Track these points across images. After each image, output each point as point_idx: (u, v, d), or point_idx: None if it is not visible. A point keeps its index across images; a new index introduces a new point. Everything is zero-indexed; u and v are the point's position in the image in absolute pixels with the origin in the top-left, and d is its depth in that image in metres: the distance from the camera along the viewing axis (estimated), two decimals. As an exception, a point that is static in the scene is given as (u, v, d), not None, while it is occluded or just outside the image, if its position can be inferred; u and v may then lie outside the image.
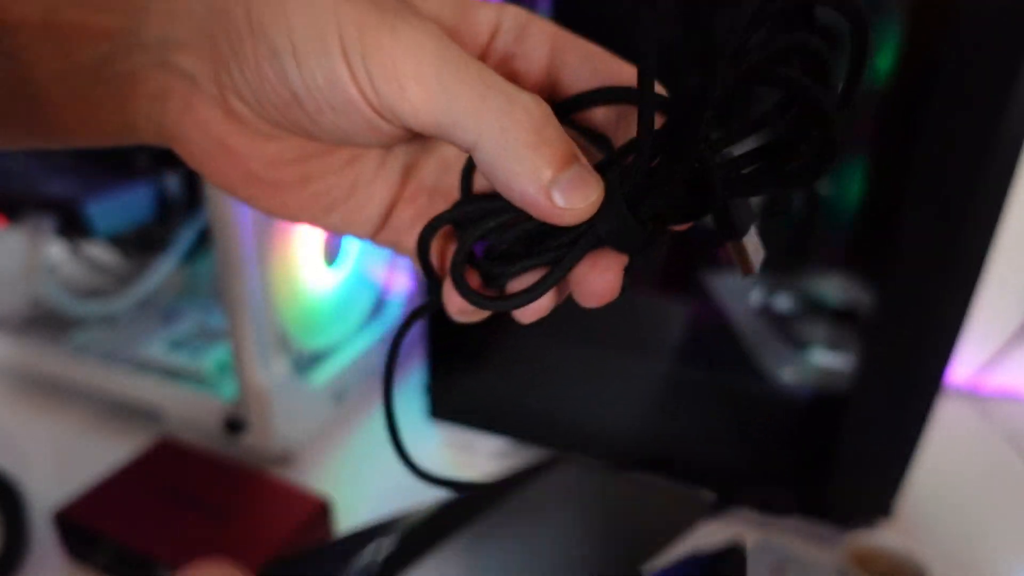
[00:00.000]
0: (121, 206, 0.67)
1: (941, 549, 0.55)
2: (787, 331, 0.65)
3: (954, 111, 0.41)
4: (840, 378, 0.56)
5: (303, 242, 0.62)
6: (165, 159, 0.69)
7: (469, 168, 0.23)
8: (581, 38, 0.21)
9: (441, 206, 0.24)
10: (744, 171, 0.17)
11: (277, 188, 0.22)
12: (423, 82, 0.17)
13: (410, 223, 0.24)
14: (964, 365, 0.77)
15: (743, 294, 0.68)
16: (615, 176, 0.18)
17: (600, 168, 0.18)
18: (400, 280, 0.79)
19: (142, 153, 0.70)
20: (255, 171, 0.22)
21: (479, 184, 0.23)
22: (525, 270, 0.20)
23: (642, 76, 0.15)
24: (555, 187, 0.17)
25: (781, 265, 0.68)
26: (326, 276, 0.67)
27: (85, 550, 0.53)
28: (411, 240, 0.24)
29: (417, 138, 0.21)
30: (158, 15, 0.20)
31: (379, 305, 0.78)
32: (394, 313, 0.79)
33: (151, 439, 0.62)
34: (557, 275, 0.19)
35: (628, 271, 0.19)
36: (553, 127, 0.17)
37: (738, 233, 0.18)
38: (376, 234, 0.25)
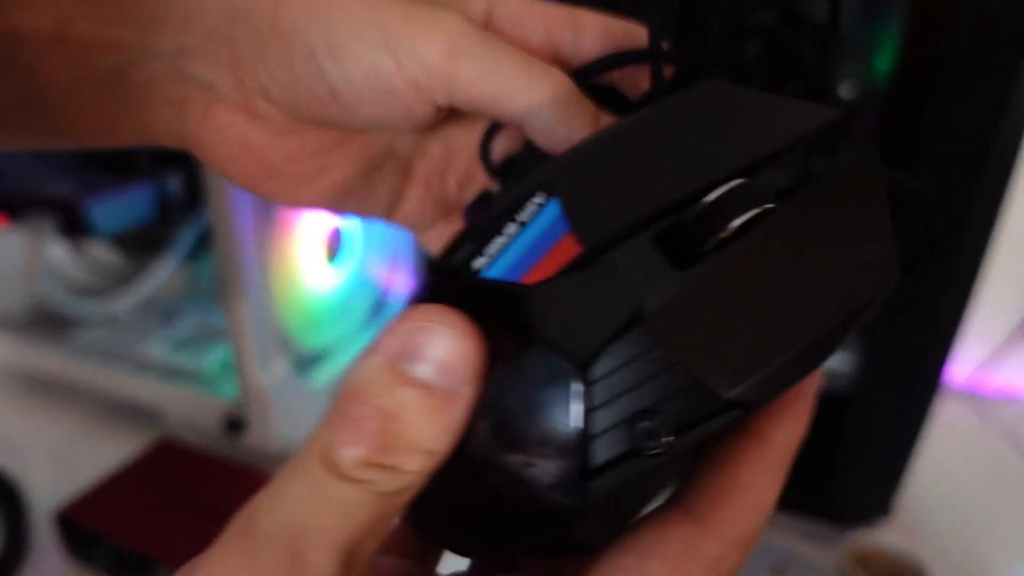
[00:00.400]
0: (122, 206, 0.67)
1: (941, 549, 0.55)
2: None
3: (954, 111, 0.41)
4: (840, 378, 0.56)
5: (303, 242, 0.62)
6: (165, 159, 0.69)
7: (487, 140, 0.24)
8: (578, 13, 0.22)
9: (450, 184, 0.25)
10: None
11: (297, 180, 0.23)
12: (474, 60, 0.19)
13: (422, 204, 0.25)
14: (963, 365, 0.77)
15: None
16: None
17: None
18: (400, 280, 0.79)
19: (142, 153, 0.70)
20: (276, 166, 0.22)
21: (496, 156, 0.25)
22: None
23: (652, 34, 0.18)
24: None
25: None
26: (326, 276, 0.67)
27: (85, 550, 0.53)
28: (426, 220, 0.26)
29: (439, 121, 0.22)
30: (173, 25, 0.20)
31: (379, 305, 0.78)
32: (395, 313, 0.79)
33: (151, 439, 0.62)
34: None
35: None
36: (579, 91, 0.20)
37: None
38: (391, 214, 0.25)
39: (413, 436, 0.13)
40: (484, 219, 0.15)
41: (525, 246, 0.13)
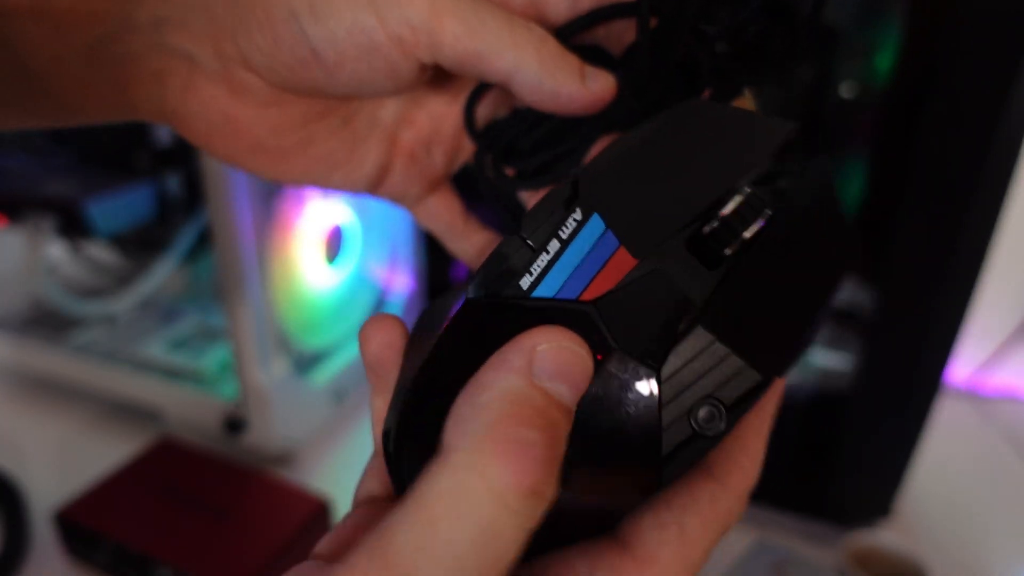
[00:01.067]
0: (121, 206, 0.67)
1: (941, 549, 0.55)
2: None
3: (954, 111, 0.41)
4: (840, 378, 0.56)
5: (303, 242, 0.62)
6: (165, 159, 0.69)
7: (471, 106, 0.24)
8: None
9: (436, 154, 0.25)
10: (726, 65, 0.20)
11: (282, 154, 0.23)
12: (459, 15, 0.19)
13: (407, 174, 0.25)
14: (964, 365, 0.77)
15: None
16: (620, 73, 0.21)
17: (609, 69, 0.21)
18: (400, 280, 0.79)
19: (142, 153, 0.70)
20: (260, 139, 0.22)
21: (479, 123, 0.25)
22: (548, 159, 0.22)
23: None
24: (587, 78, 0.20)
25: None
26: (326, 276, 0.67)
27: (85, 550, 0.53)
28: (413, 191, 0.26)
29: (420, 85, 0.23)
30: None
31: (379, 305, 0.78)
32: (395, 313, 0.79)
33: (151, 439, 0.62)
34: (576, 157, 0.22)
35: None
36: (563, 46, 0.21)
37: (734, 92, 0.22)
38: (376, 188, 0.25)
39: (561, 459, 0.13)
40: (517, 236, 0.16)
41: (574, 263, 0.15)
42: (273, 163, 0.23)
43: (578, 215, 0.15)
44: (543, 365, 0.13)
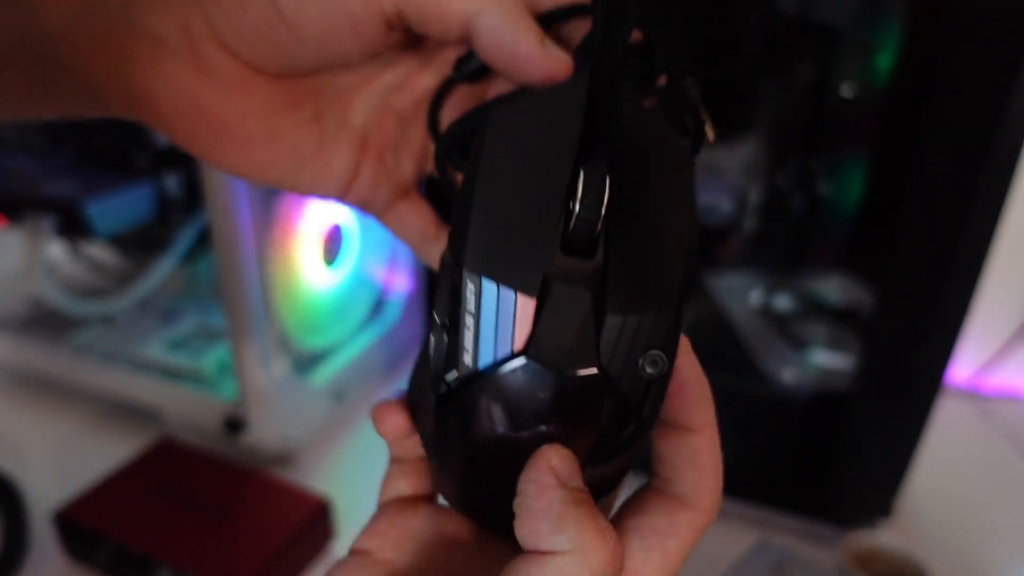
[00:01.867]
0: (121, 206, 0.67)
1: (941, 549, 0.55)
2: (787, 331, 0.65)
3: (954, 111, 0.41)
4: (840, 378, 0.56)
5: (302, 242, 0.62)
6: (165, 159, 0.69)
7: (435, 106, 0.25)
8: None
9: (405, 160, 0.26)
10: (678, 54, 0.22)
11: (248, 143, 0.23)
12: None
13: (375, 180, 0.25)
14: (964, 364, 0.77)
15: (743, 294, 0.68)
16: (580, 57, 0.22)
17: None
18: (400, 280, 0.79)
19: (142, 153, 0.70)
20: (226, 124, 0.22)
21: (443, 126, 0.25)
22: None
23: None
24: (546, 44, 0.21)
25: (781, 265, 0.68)
26: (326, 276, 0.67)
27: (85, 550, 0.53)
28: (381, 199, 0.26)
29: (393, 67, 0.23)
30: None
31: (379, 305, 0.78)
32: (395, 313, 0.79)
33: (151, 439, 0.62)
34: None
35: None
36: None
37: (692, 100, 0.22)
38: (345, 193, 0.25)
39: None
40: (436, 324, 0.18)
41: (492, 325, 0.17)
42: (238, 152, 0.23)
43: (470, 285, 0.17)
44: (563, 472, 0.17)
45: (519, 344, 0.17)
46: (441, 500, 0.23)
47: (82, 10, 0.20)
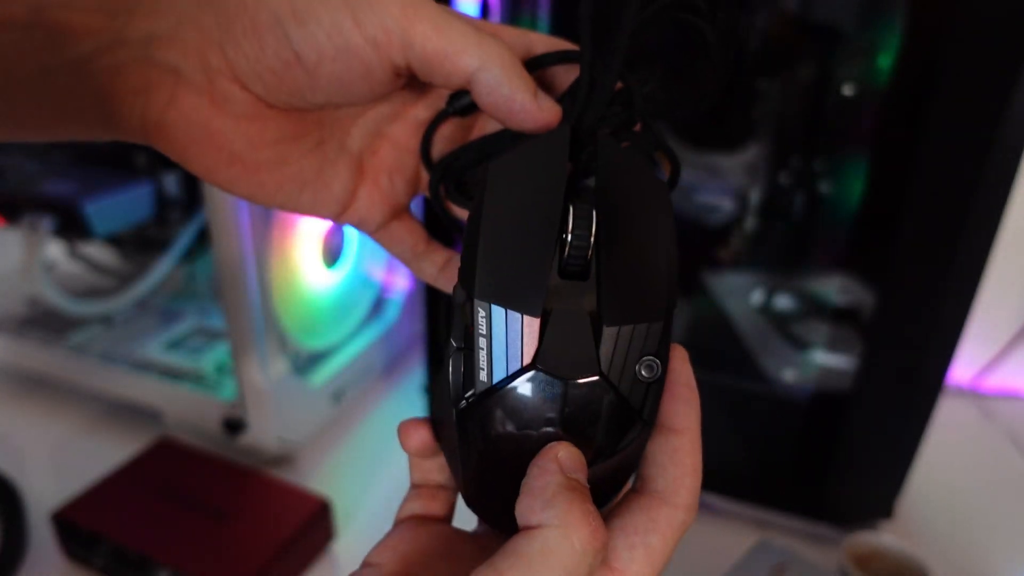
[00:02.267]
0: (119, 206, 0.67)
1: (941, 549, 0.55)
2: (788, 331, 0.65)
3: (955, 111, 0.41)
4: (841, 378, 0.56)
5: (302, 242, 0.62)
6: (164, 160, 0.69)
7: (428, 136, 0.27)
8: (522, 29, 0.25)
9: (398, 183, 0.27)
10: (655, 98, 0.24)
11: (256, 169, 0.24)
12: (429, 17, 0.21)
13: (371, 201, 0.27)
14: (965, 364, 0.78)
15: (744, 294, 0.67)
16: (568, 103, 0.24)
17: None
18: (399, 280, 0.79)
19: (141, 153, 0.70)
20: (237, 152, 0.23)
21: (436, 154, 0.27)
22: None
23: (581, 36, 0.22)
24: (539, 96, 0.23)
25: (782, 266, 0.67)
26: (326, 276, 0.67)
27: (83, 551, 0.53)
28: (375, 219, 0.27)
29: (390, 99, 0.25)
30: (143, 14, 0.21)
31: (378, 305, 0.78)
32: (394, 313, 0.79)
33: (150, 439, 0.62)
34: None
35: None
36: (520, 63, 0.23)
37: (661, 144, 0.25)
38: (342, 214, 0.27)
39: None
40: (453, 348, 0.20)
41: (503, 344, 0.19)
42: (247, 177, 0.24)
43: (481, 312, 0.19)
44: (567, 465, 0.19)
45: (527, 359, 0.19)
46: (455, 522, 0.25)
47: (104, 44, 0.21)
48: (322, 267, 0.66)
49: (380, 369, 0.78)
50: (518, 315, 0.19)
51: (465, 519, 0.25)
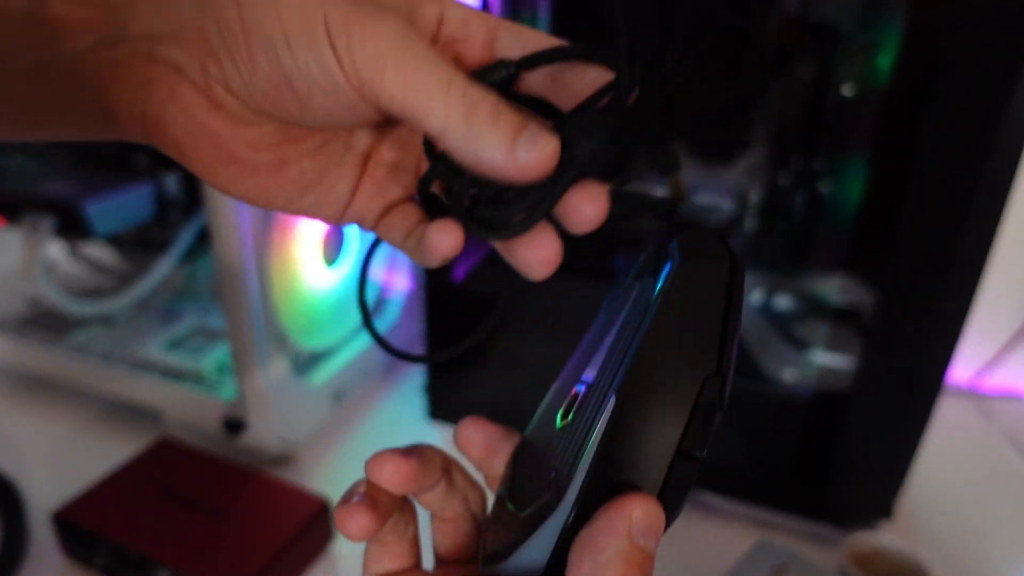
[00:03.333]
0: (120, 206, 0.67)
1: (941, 549, 0.55)
2: (788, 331, 0.65)
3: (955, 111, 0.41)
4: (841, 378, 0.56)
5: (302, 242, 0.62)
6: (164, 159, 0.69)
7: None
8: (510, 21, 0.24)
9: (401, 177, 0.26)
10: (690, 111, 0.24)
11: (255, 170, 0.23)
12: (398, 71, 0.20)
13: (371, 197, 0.26)
14: (965, 364, 0.77)
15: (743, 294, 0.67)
16: (590, 114, 0.22)
17: (579, 110, 0.23)
18: (399, 280, 0.79)
19: (142, 154, 0.70)
20: (236, 153, 0.23)
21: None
22: (519, 208, 0.23)
23: (617, 30, 0.20)
24: (517, 147, 0.20)
25: (782, 265, 0.67)
26: (325, 276, 0.67)
27: (84, 551, 0.53)
28: (373, 213, 0.26)
29: (386, 121, 0.24)
30: (144, 10, 0.21)
31: (379, 305, 0.78)
32: (394, 313, 0.79)
33: (150, 439, 0.62)
34: (549, 202, 0.22)
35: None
36: (503, 104, 0.21)
37: (679, 167, 0.23)
38: (343, 215, 0.26)
39: None
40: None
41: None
42: (246, 178, 0.23)
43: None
44: (639, 528, 0.17)
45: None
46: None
47: (105, 39, 0.21)
48: (322, 267, 0.66)
49: (380, 369, 0.78)
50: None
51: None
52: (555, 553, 0.19)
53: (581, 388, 0.22)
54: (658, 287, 0.20)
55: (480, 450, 0.24)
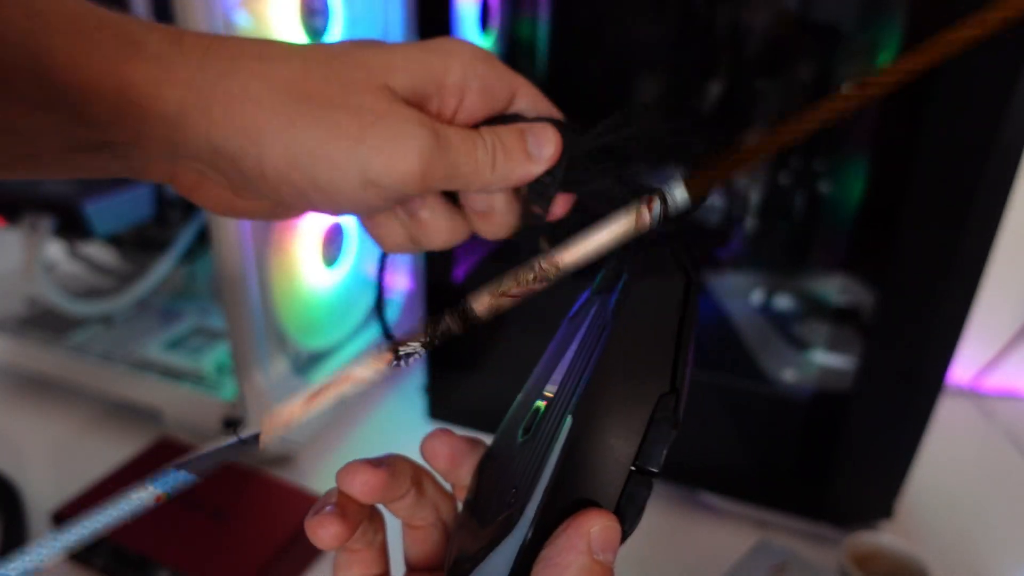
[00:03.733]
0: (120, 207, 0.67)
1: (941, 549, 0.55)
2: (788, 331, 0.65)
3: (955, 111, 0.41)
4: (841, 378, 0.56)
5: (302, 242, 0.62)
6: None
7: None
8: (525, 79, 0.26)
9: None
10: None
11: (253, 215, 0.26)
12: (441, 170, 0.22)
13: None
14: (965, 364, 0.77)
15: (744, 294, 0.67)
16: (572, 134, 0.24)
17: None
18: (400, 280, 0.79)
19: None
20: (259, 212, 0.25)
21: None
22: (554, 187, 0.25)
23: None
24: (531, 152, 0.24)
25: (782, 265, 0.67)
26: (326, 276, 0.67)
27: (83, 550, 0.53)
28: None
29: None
30: (158, 141, 0.21)
31: (378, 305, 0.78)
32: (394, 313, 0.79)
33: (149, 439, 0.62)
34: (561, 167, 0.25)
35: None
36: (497, 130, 0.24)
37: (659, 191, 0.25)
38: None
39: None
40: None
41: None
42: (268, 215, 0.26)
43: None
44: (597, 543, 0.18)
45: None
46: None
47: (130, 139, 0.21)
48: (322, 267, 0.66)
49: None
50: None
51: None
52: (516, 570, 0.19)
53: (542, 403, 0.23)
54: (610, 306, 0.21)
55: (445, 461, 0.25)
